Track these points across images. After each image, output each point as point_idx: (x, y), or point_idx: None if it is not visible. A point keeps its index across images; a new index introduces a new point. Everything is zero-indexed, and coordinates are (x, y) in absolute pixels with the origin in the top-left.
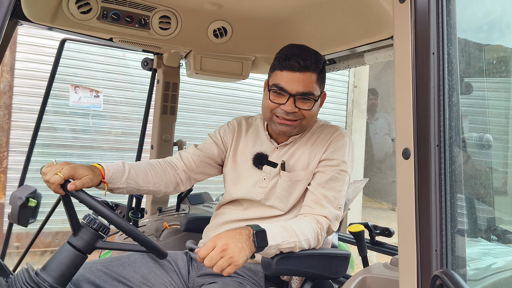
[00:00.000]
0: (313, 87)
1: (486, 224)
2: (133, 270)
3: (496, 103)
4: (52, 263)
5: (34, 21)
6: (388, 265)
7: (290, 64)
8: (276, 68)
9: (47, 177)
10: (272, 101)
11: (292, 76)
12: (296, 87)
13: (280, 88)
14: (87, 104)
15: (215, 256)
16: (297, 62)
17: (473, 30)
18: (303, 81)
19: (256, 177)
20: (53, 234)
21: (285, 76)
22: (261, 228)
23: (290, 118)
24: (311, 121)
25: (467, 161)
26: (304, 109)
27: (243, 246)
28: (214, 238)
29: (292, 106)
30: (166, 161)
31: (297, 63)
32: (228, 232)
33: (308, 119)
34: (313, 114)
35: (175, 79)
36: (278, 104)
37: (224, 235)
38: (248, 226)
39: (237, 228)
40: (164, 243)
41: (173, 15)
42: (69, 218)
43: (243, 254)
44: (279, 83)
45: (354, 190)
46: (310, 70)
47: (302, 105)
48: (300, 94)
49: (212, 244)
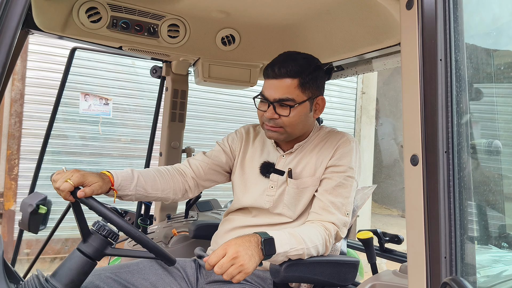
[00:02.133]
0: (291, 92)
1: (497, 231)
2: (142, 277)
3: (506, 109)
4: (62, 270)
5: (45, 30)
6: (398, 272)
7: (267, 73)
8: (264, 77)
9: (57, 184)
10: (258, 109)
11: (269, 84)
12: (273, 93)
13: (262, 96)
14: (97, 111)
15: (226, 263)
16: (273, 70)
17: (481, 36)
18: (279, 87)
19: (264, 186)
20: (63, 240)
21: (265, 84)
22: (269, 236)
23: (271, 125)
24: (296, 128)
25: (476, 167)
26: (283, 115)
27: (252, 254)
28: (224, 245)
29: (271, 113)
30: (175, 168)
31: (272, 71)
32: (238, 239)
33: (291, 127)
34: (295, 122)
35: (183, 86)
36: (263, 112)
37: (234, 242)
38: (256, 234)
39: (245, 235)
40: (173, 250)
41: (182, 24)
42: (78, 224)
43: (252, 261)
44: (262, 91)
45: (362, 196)
46: (286, 76)
47: (281, 111)
48: (277, 100)
49: (222, 251)
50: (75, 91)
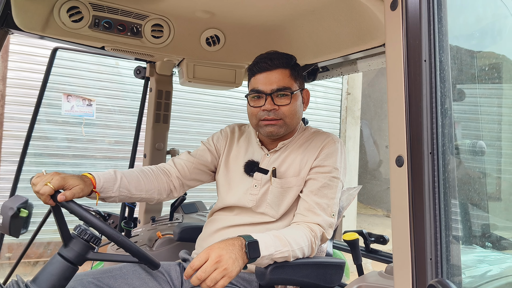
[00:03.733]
0: (288, 82)
1: (481, 231)
2: (125, 282)
3: (489, 110)
4: (43, 275)
5: (25, 30)
6: (383, 273)
7: (260, 67)
8: (250, 76)
9: (36, 188)
10: (253, 106)
11: (265, 77)
12: (270, 85)
13: (257, 91)
14: (80, 112)
15: (209, 267)
16: (265, 63)
17: (464, 37)
18: (276, 78)
19: (248, 184)
20: (45, 244)
21: (258, 79)
22: (254, 239)
23: (272, 118)
24: (294, 119)
25: (461, 168)
26: (283, 104)
27: (236, 257)
28: (207, 249)
29: (271, 104)
30: (159, 167)
31: (266, 63)
32: (221, 243)
33: (291, 116)
34: (294, 111)
35: (168, 87)
36: (259, 107)
37: (217, 246)
38: (240, 237)
39: (229, 238)
40: (158, 253)
41: (166, 24)
42: (59, 229)
43: (236, 265)
44: (255, 87)
45: (347, 197)
46: (280, 67)
47: (280, 101)
48: (276, 90)
49: (205, 255)
50: (57, 92)
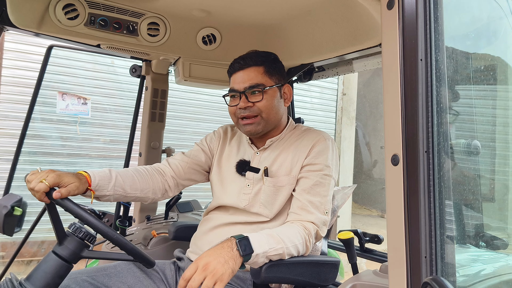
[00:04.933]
0: (260, 79)
1: (475, 231)
2: (119, 280)
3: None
4: (37, 273)
5: (21, 27)
6: (378, 272)
7: (233, 67)
8: (229, 78)
9: (31, 185)
10: (230, 105)
11: (236, 77)
12: (243, 83)
13: (231, 91)
14: (75, 111)
15: (198, 276)
16: (238, 62)
17: (460, 38)
18: (247, 76)
19: (240, 184)
20: (39, 243)
21: (232, 79)
22: (243, 236)
23: (247, 115)
24: (271, 114)
25: (456, 167)
26: (257, 101)
27: (225, 260)
28: (196, 260)
29: (245, 102)
30: (154, 167)
31: (238, 63)
32: (209, 250)
33: (266, 112)
34: (269, 106)
35: (163, 86)
36: (235, 106)
37: (205, 254)
38: (231, 237)
39: (219, 243)
40: (153, 251)
41: (162, 22)
42: (54, 226)
43: (226, 267)
44: (231, 87)
45: (342, 196)
46: (252, 65)
47: (253, 98)
48: (248, 88)
49: (194, 265)
50: (53, 90)
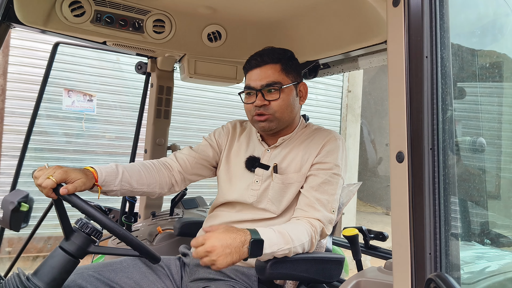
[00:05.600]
0: (277, 77)
1: (480, 228)
2: (125, 275)
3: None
4: (44, 268)
5: (27, 24)
6: (382, 268)
7: (249, 65)
8: (245, 74)
9: (39, 181)
10: (246, 102)
11: (253, 74)
12: (259, 81)
13: (248, 88)
14: (81, 108)
15: (200, 253)
16: (255, 59)
17: (466, 35)
18: (264, 73)
19: (249, 180)
20: (46, 239)
21: (249, 76)
22: (259, 238)
23: (261, 112)
24: (285, 113)
25: (461, 164)
26: (273, 99)
27: (231, 252)
28: (207, 235)
29: (261, 100)
30: (161, 162)
31: (255, 60)
32: (221, 234)
33: (281, 111)
34: (285, 105)
35: (169, 83)
36: (251, 104)
37: (216, 236)
38: (247, 231)
39: (235, 230)
40: (158, 247)
41: (167, 19)
42: (61, 222)
43: (228, 259)
44: (247, 84)
45: (347, 193)
46: (268, 62)
47: (270, 96)
48: (265, 86)
49: (202, 240)
50: (58, 87)
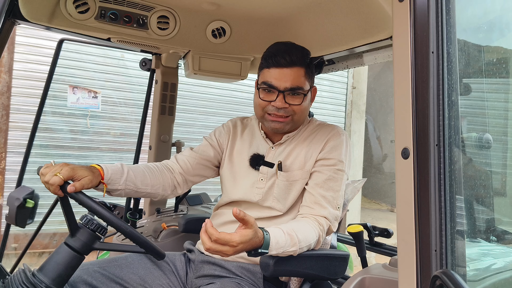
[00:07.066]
0: (302, 81)
1: (486, 225)
2: (130, 271)
3: (496, 104)
4: (49, 264)
5: (32, 21)
6: (387, 265)
7: (276, 61)
8: (264, 66)
9: (46, 178)
10: (262, 99)
11: (279, 73)
12: (285, 83)
13: (269, 86)
14: (85, 105)
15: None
16: (284, 58)
17: (472, 30)
18: (291, 76)
19: (253, 178)
20: (51, 235)
21: (273, 73)
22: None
23: (281, 114)
24: (302, 116)
25: (467, 161)
26: (295, 104)
27: (241, 249)
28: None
29: (282, 102)
30: (163, 164)
31: (283, 59)
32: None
33: (299, 114)
34: (304, 109)
35: (173, 79)
36: (269, 102)
37: (247, 241)
38: (262, 239)
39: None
40: (162, 244)
41: (172, 15)
42: (66, 219)
43: (234, 251)
44: (268, 80)
45: (352, 190)
46: (297, 65)
47: (292, 101)
48: (289, 89)
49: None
50: (63, 83)
